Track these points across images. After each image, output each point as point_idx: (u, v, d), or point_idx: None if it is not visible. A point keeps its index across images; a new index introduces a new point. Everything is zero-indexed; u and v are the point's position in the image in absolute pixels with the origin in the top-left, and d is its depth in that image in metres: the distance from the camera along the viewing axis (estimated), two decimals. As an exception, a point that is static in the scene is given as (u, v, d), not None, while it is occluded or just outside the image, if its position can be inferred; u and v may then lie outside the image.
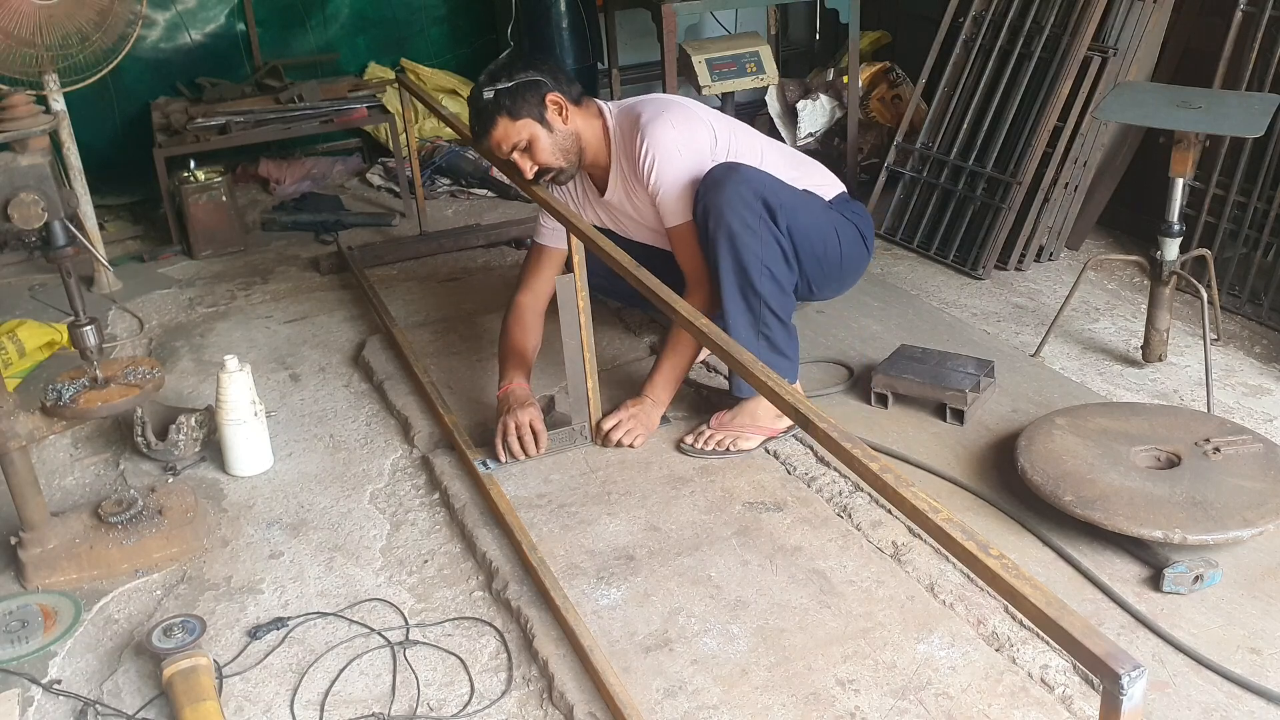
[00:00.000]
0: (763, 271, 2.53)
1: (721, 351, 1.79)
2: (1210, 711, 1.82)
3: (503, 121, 2.58)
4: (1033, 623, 1.23)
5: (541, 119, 2.59)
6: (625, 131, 2.67)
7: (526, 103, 2.57)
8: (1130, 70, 3.56)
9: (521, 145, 2.60)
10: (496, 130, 2.59)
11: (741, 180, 2.51)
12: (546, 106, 2.59)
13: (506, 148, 2.61)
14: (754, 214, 2.50)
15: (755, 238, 2.50)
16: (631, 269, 2.15)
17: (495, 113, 2.57)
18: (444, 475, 2.58)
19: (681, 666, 1.95)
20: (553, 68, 2.66)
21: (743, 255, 2.51)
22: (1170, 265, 2.87)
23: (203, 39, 5.01)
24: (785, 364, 2.62)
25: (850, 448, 1.50)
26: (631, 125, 2.64)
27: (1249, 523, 2.10)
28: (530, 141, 2.60)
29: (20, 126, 2.98)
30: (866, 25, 4.88)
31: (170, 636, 2.02)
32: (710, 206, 2.52)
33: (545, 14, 4.68)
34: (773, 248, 2.53)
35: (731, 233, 2.50)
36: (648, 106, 2.66)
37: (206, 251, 4.17)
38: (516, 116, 2.57)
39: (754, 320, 2.57)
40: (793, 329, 2.65)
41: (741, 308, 2.56)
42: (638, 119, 2.63)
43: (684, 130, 2.61)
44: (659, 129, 2.58)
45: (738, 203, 2.49)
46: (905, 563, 2.19)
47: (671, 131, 2.59)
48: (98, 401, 2.24)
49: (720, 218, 2.50)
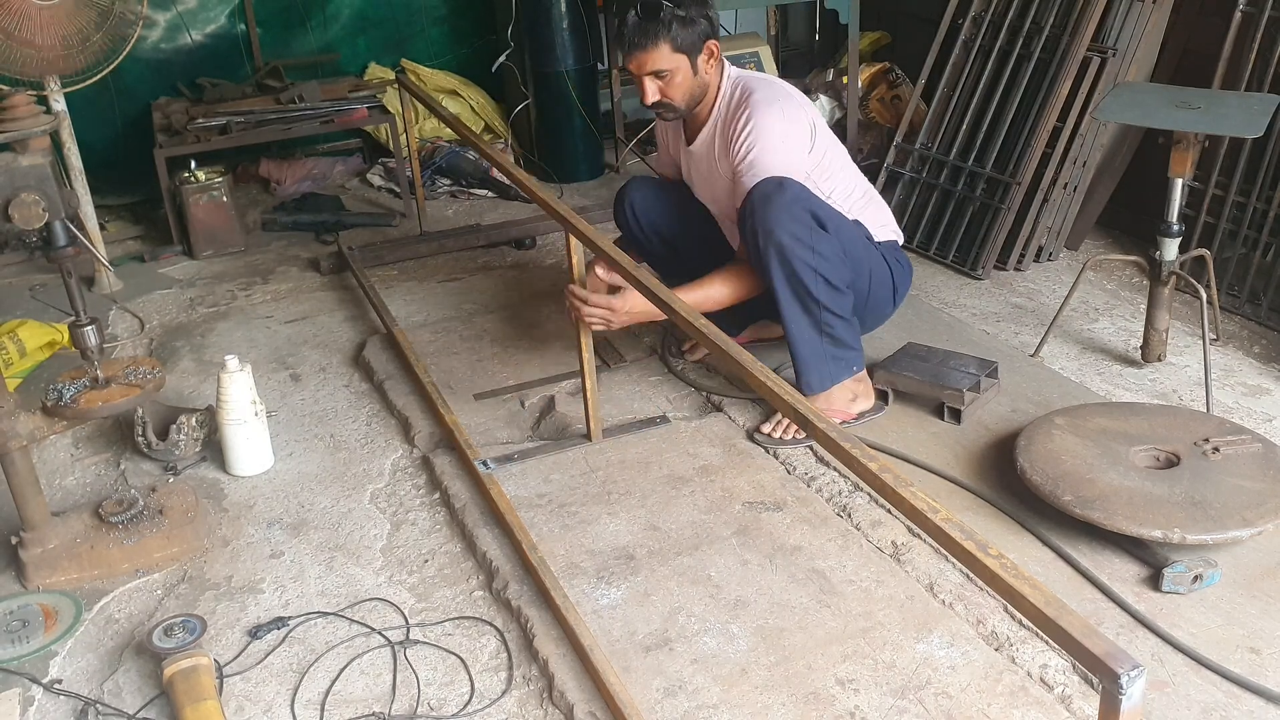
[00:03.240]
0: (816, 279, 2.52)
1: (720, 351, 1.79)
2: (1209, 711, 1.82)
3: (664, 46, 2.52)
4: (1032, 622, 1.23)
5: (694, 61, 2.56)
6: (733, 100, 2.63)
7: (690, 39, 2.54)
8: (1130, 71, 3.56)
9: (663, 74, 2.56)
10: (653, 51, 2.53)
11: (790, 196, 2.49)
12: (703, 50, 2.56)
13: (649, 69, 2.56)
14: (803, 225, 2.49)
15: (805, 248, 2.49)
16: (631, 269, 2.16)
17: (661, 35, 2.51)
18: (444, 475, 2.58)
19: (681, 666, 1.95)
20: (712, 6, 2.60)
21: (795, 267, 2.50)
22: (1169, 265, 2.87)
23: (203, 39, 5.02)
24: (852, 354, 2.64)
25: (849, 447, 1.50)
26: (741, 98, 2.61)
27: (1248, 522, 2.10)
28: (672, 75, 2.56)
29: (21, 127, 2.98)
30: (866, 25, 4.89)
31: (171, 636, 2.02)
32: (759, 223, 2.50)
33: (545, 14, 4.68)
34: (825, 253, 2.51)
35: (781, 246, 2.49)
36: (762, 87, 2.63)
37: (207, 251, 4.18)
38: (677, 48, 2.53)
39: (814, 323, 2.57)
40: (853, 321, 2.64)
41: (799, 313, 2.56)
42: (749, 95, 2.60)
43: (792, 126, 2.59)
44: (769, 115, 2.56)
45: (785, 218, 2.47)
46: (905, 562, 2.19)
47: (780, 123, 2.57)
48: (98, 401, 2.24)
49: (769, 234, 2.49)
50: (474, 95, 5.15)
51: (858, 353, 2.67)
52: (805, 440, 2.58)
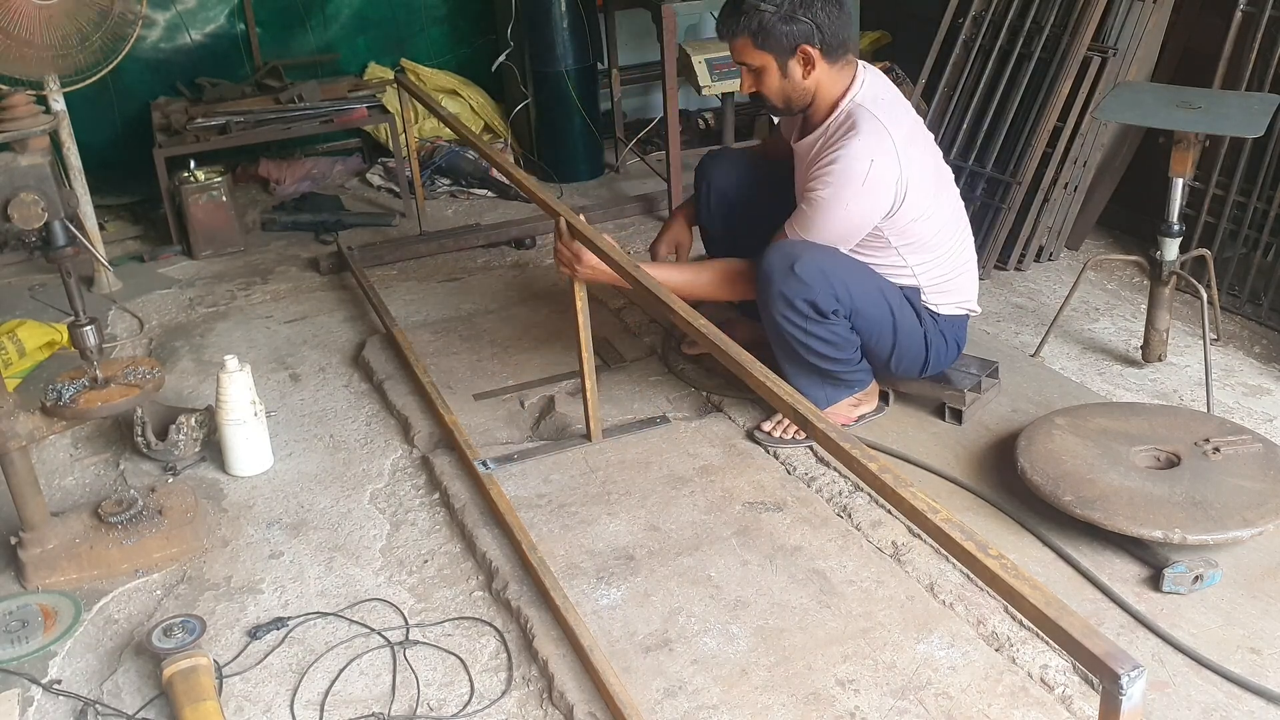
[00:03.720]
0: (809, 352, 2.52)
1: (723, 354, 1.79)
2: (1210, 711, 1.82)
3: (745, 40, 2.44)
4: (1032, 623, 1.23)
5: (784, 64, 2.44)
6: (842, 124, 2.46)
7: (779, 39, 2.40)
8: (1130, 70, 3.56)
9: (752, 67, 2.49)
10: (737, 42, 2.46)
11: (794, 284, 2.42)
12: (795, 54, 2.42)
13: (737, 59, 2.50)
14: (798, 314, 2.46)
15: (799, 329, 2.48)
16: (630, 269, 2.16)
17: (745, 27, 2.41)
18: (444, 475, 2.58)
19: (681, 666, 1.95)
20: (835, 13, 2.42)
21: (789, 342, 2.52)
22: (1170, 265, 2.87)
23: (203, 39, 5.01)
24: (855, 382, 2.63)
25: (849, 448, 1.50)
26: (847, 129, 2.43)
27: (1249, 523, 2.10)
28: (761, 72, 2.48)
29: (20, 126, 2.98)
30: (866, 25, 4.88)
31: (170, 636, 2.02)
32: (759, 294, 2.50)
33: (545, 14, 4.68)
34: (822, 335, 2.49)
35: (775, 323, 2.50)
36: (870, 131, 2.40)
37: (206, 251, 4.17)
38: (761, 46, 2.43)
39: (812, 369, 2.57)
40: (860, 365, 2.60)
41: (795, 368, 2.57)
42: (854, 127, 2.41)
43: (868, 193, 2.40)
44: (854, 173, 2.38)
45: (781, 303, 2.45)
46: (905, 563, 2.19)
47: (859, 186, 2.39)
48: (98, 401, 2.24)
49: (765, 308, 2.50)
50: (474, 95, 5.14)
51: (863, 379, 2.65)
52: (805, 440, 2.58)
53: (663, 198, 4.33)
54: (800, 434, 2.57)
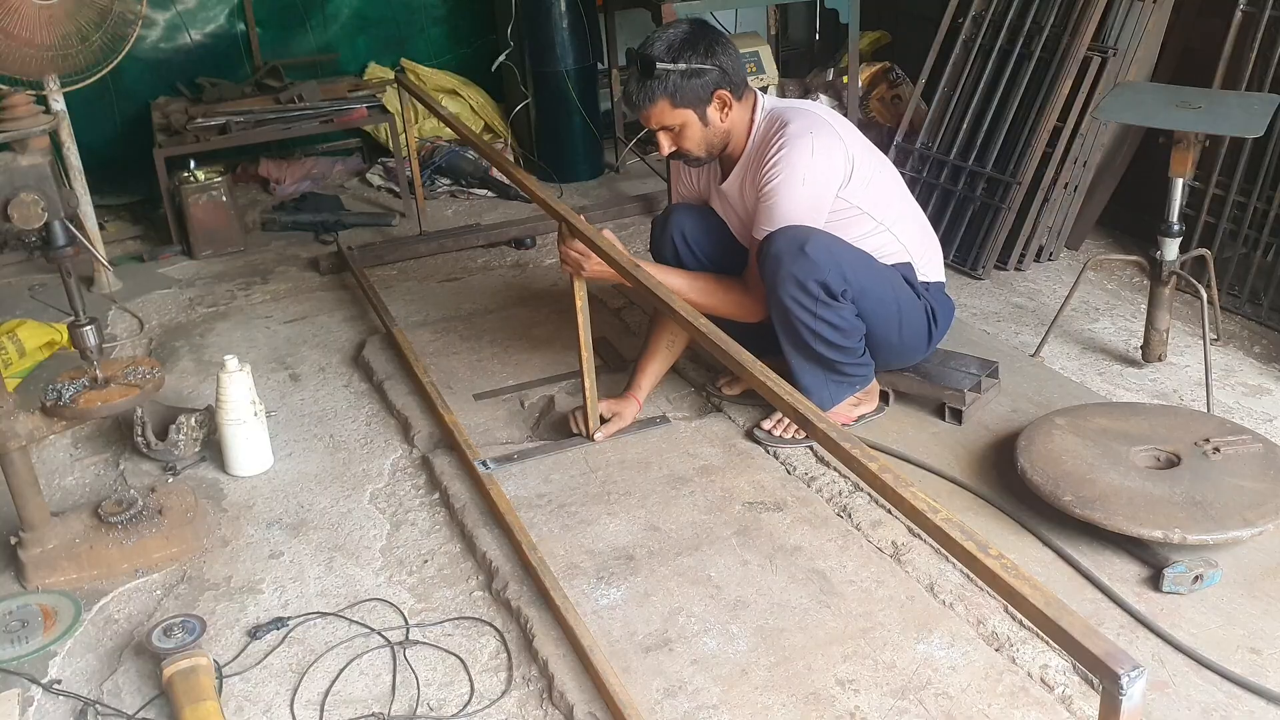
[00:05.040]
0: (819, 340, 2.52)
1: (724, 355, 1.79)
2: (1210, 711, 1.82)
3: (663, 103, 2.48)
4: (1032, 623, 1.23)
5: (702, 114, 2.50)
6: (767, 133, 2.54)
7: (694, 93, 2.46)
8: (1130, 70, 3.56)
9: (672, 129, 2.53)
10: (654, 108, 2.49)
11: (805, 264, 2.44)
12: (711, 101, 2.49)
13: (655, 125, 2.53)
14: (810, 296, 2.46)
15: (810, 314, 2.48)
16: (629, 269, 2.16)
17: (659, 93, 2.46)
18: (444, 475, 2.58)
19: (681, 666, 1.95)
20: (731, 54, 2.51)
21: (798, 329, 2.51)
22: (1170, 265, 2.87)
23: (203, 39, 5.01)
24: (858, 378, 2.64)
25: (849, 448, 1.50)
26: (775, 130, 2.52)
27: (1249, 523, 2.10)
28: (682, 129, 2.52)
29: (20, 126, 2.98)
30: (866, 25, 4.88)
31: (170, 636, 2.02)
32: (768, 277, 2.50)
33: (545, 14, 4.68)
34: (832, 321, 2.50)
35: (785, 309, 2.49)
36: (798, 117, 2.52)
37: (206, 251, 4.17)
38: (678, 104, 2.48)
39: (818, 366, 2.57)
40: (864, 357, 2.61)
41: (802, 360, 2.57)
42: (784, 126, 2.50)
43: (821, 160, 2.48)
44: (798, 149, 2.46)
45: (791, 285, 2.46)
46: (905, 563, 2.19)
47: (808, 157, 2.47)
48: (98, 401, 2.24)
49: (773, 292, 2.50)
50: (473, 95, 5.15)
51: (865, 375, 2.65)
52: (805, 440, 2.58)
53: (662, 197, 4.33)
54: (800, 433, 2.57)
